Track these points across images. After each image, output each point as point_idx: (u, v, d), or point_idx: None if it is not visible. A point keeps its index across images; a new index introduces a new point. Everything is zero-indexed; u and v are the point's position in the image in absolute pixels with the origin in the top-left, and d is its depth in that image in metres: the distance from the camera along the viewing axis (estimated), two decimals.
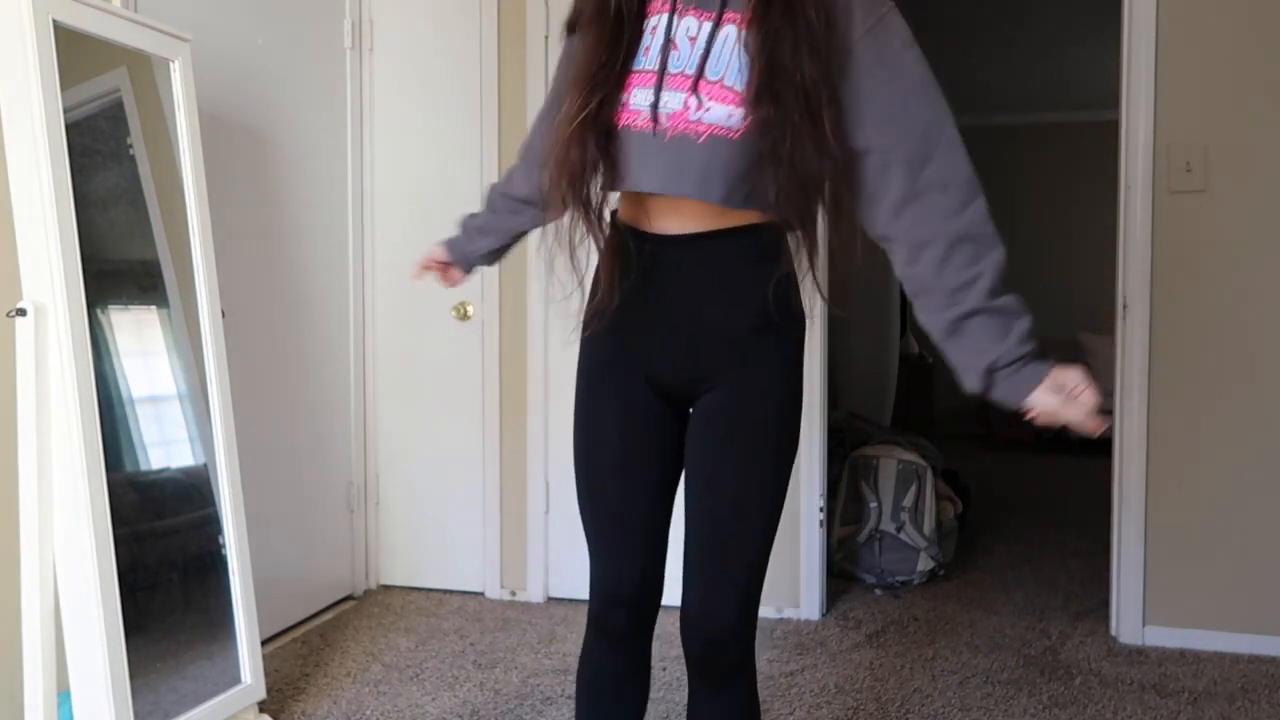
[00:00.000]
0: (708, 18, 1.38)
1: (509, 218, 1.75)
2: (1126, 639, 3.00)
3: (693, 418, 1.47)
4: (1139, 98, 2.93)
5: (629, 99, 1.39)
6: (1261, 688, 2.67)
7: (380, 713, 2.50)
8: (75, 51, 2.04)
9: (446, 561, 3.46)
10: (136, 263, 2.24)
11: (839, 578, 3.59)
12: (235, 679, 2.30)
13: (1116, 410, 3.03)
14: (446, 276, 1.84)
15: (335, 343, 3.33)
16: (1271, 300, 2.88)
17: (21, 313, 1.93)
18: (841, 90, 1.34)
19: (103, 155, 2.15)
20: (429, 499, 3.46)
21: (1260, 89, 2.86)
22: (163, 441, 2.26)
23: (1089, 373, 1.32)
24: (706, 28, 1.38)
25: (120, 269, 2.19)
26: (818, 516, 3.20)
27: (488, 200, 1.78)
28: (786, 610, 3.22)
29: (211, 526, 2.32)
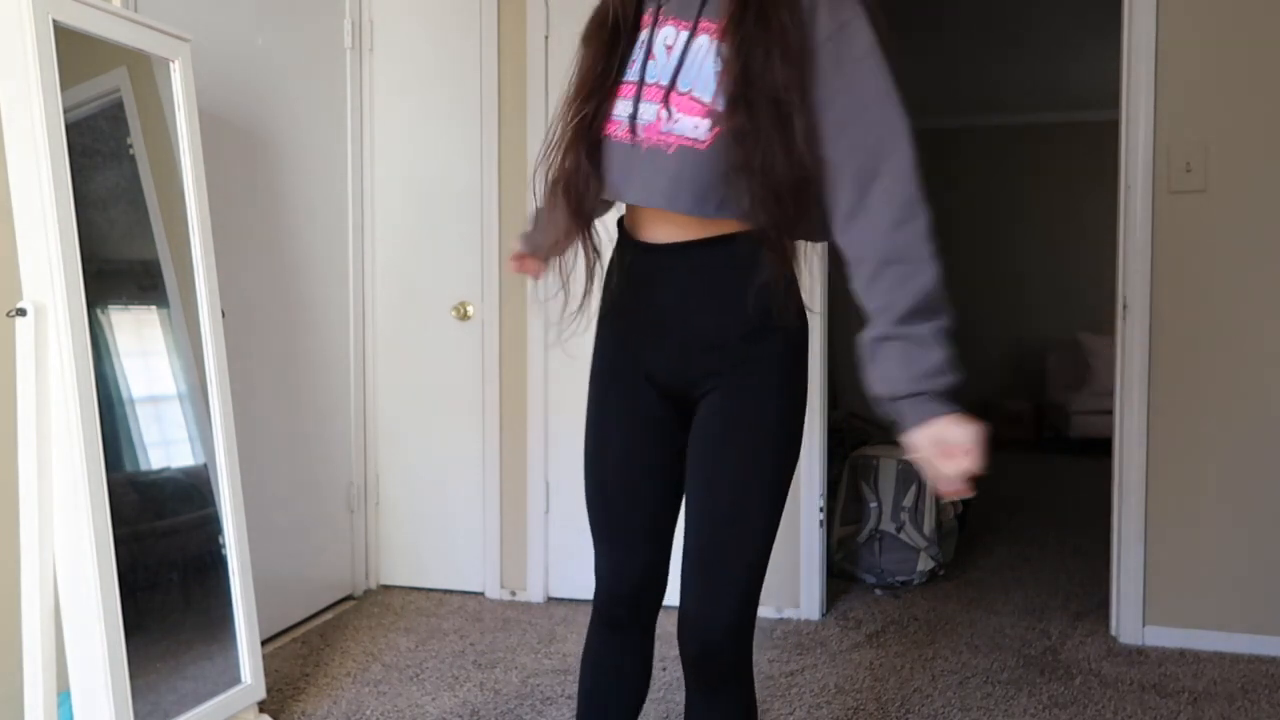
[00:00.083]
0: (685, 27, 1.40)
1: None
2: (1126, 639, 3.00)
3: (694, 420, 1.48)
4: (1139, 98, 2.93)
5: (614, 110, 1.42)
6: (1261, 688, 2.67)
7: (380, 713, 2.50)
8: (75, 51, 2.04)
9: (446, 561, 3.46)
10: (136, 263, 2.24)
11: (839, 578, 3.59)
12: (235, 679, 2.30)
13: (1116, 410, 3.03)
14: (525, 267, 1.79)
15: (335, 343, 3.33)
16: (1271, 300, 2.88)
17: (21, 313, 1.93)
18: (809, 95, 1.33)
19: (103, 155, 2.15)
20: (429, 499, 3.46)
21: (1260, 89, 2.86)
22: (163, 441, 2.26)
23: (983, 438, 1.26)
24: (683, 37, 1.39)
25: (120, 269, 2.19)
26: (818, 516, 3.20)
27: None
28: (786, 610, 3.23)
29: (211, 526, 2.32)
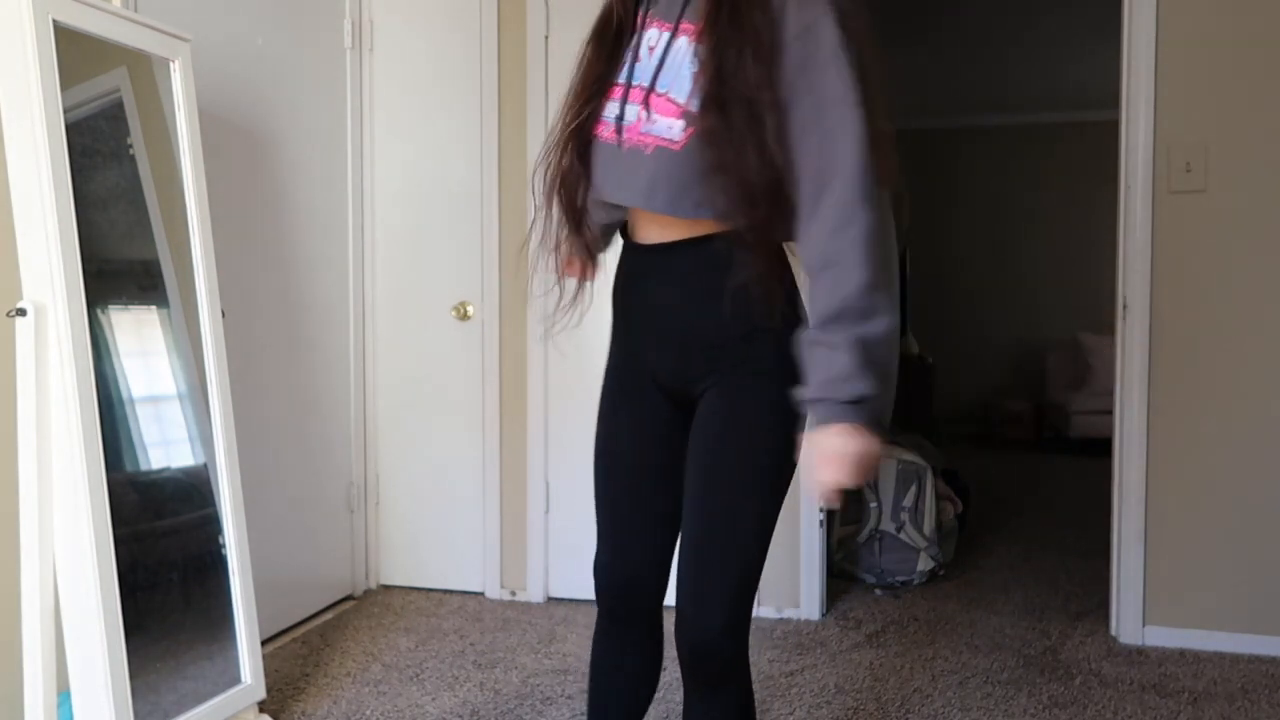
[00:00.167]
0: (667, 28, 1.42)
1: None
2: (1126, 639, 3.00)
3: (694, 419, 1.48)
4: (1139, 98, 2.93)
5: (604, 111, 1.44)
6: (1261, 688, 2.67)
7: (380, 713, 2.50)
8: (75, 51, 2.04)
9: (446, 561, 3.46)
10: (136, 263, 2.24)
11: (839, 578, 3.59)
12: (235, 679, 2.30)
13: (1116, 410, 3.03)
14: (572, 270, 1.73)
15: (335, 343, 3.33)
16: (1271, 300, 2.88)
17: (21, 313, 1.93)
18: (779, 94, 1.33)
19: (103, 155, 2.15)
20: (429, 499, 3.46)
21: (1260, 89, 2.86)
22: (163, 441, 2.26)
23: (861, 463, 1.28)
24: (664, 39, 1.41)
25: (120, 269, 2.19)
26: (818, 516, 3.20)
27: None
28: (786, 610, 3.22)
29: (211, 526, 2.32)
